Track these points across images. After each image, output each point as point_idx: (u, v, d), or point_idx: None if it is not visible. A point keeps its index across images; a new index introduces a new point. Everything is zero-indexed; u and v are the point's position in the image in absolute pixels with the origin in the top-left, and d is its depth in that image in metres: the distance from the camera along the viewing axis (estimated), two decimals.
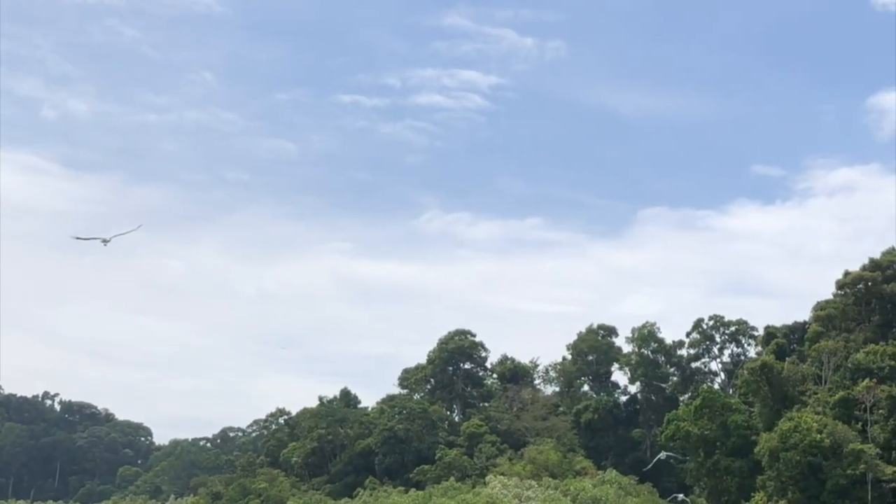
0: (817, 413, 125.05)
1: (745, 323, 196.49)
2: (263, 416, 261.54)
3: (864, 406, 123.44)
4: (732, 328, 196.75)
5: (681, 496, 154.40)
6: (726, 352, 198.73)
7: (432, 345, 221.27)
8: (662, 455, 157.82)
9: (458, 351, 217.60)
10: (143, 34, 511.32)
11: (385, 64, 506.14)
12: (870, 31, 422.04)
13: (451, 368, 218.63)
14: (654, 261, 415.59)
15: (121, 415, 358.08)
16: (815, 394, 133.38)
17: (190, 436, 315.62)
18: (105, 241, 68.65)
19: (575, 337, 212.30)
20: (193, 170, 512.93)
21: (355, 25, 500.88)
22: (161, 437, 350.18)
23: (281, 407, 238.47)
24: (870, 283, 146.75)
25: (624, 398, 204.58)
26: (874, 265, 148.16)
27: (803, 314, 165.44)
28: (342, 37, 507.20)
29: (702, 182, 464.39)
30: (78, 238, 68.34)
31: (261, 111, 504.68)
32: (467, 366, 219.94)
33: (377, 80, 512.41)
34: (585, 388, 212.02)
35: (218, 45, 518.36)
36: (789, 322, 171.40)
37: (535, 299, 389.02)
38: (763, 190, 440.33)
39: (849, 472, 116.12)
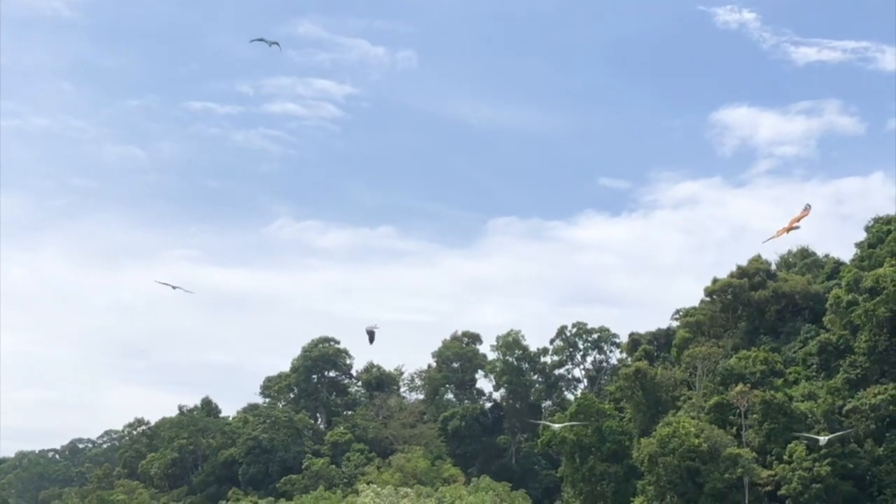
0: (692, 418, 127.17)
1: (608, 330, 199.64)
2: (118, 427, 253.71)
3: (738, 410, 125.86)
4: (595, 335, 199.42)
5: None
6: (589, 358, 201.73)
7: (286, 353, 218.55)
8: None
9: (322, 358, 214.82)
10: None
11: (237, 71, 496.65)
12: (713, 48, 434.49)
13: (315, 376, 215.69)
14: (504, 270, 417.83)
15: None
16: (689, 399, 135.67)
17: (37, 448, 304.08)
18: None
19: (439, 344, 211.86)
20: (40, 176, 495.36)
21: (207, 32, 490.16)
22: (6, 450, 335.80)
23: (139, 417, 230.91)
24: (737, 290, 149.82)
25: (489, 405, 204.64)
26: (741, 272, 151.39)
27: (652, 322, 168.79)
28: (193, 43, 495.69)
29: (551, 193, 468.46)
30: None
31: (110, 117, 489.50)
32: (332, 373, 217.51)
33: (229, 88, 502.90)
34: (450, 395, 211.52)
35: (67, 50, 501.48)
36: (648, 329, 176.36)
37: (389, 308, 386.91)
38: (610, 202, 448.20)
39: (726, 476, 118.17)
